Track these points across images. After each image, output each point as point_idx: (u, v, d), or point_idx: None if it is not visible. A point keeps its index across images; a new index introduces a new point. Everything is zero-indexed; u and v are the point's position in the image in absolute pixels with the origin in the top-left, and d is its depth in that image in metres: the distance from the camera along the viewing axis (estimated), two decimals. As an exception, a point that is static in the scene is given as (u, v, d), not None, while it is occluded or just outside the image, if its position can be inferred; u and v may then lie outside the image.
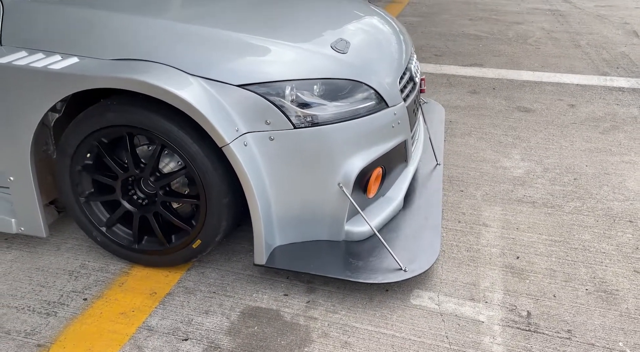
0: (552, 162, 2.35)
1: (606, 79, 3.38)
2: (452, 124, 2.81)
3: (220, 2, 1.77)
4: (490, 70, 3.63)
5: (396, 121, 1.73)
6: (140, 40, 1.46)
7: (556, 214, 1.95)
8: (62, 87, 1.39)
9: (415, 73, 2.03)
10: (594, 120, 2.78)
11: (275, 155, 1.49)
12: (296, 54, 1.55)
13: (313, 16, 1.86)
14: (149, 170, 1.52)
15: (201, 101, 1.39)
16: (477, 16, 5.20)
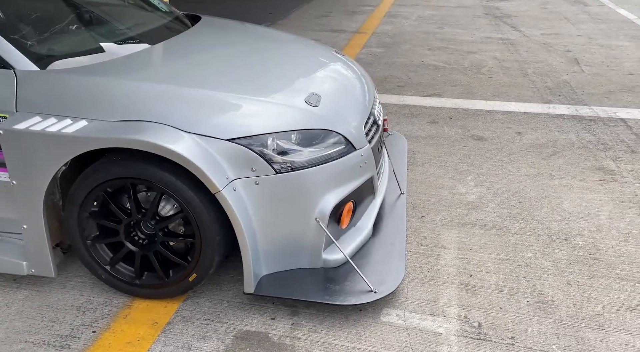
0: (501, 187, 2.67)
1: (549, 106, 3.79)
2: (414, 153, 3.12)
3: (206, 67, 2.01)
4: (448, 100, 3.99)
5: (363, 161, 2.00)
6: (140, 103, 1.69)
7: (504, 235, 2.26)
8: (73, 148, 1.60)
9: (378, 116, 2.32)
10: (538, 146, 3.14)
11: (261, 197, 1.73)
12: (276, 110, 1.81)
13: (287, 72, 2.13)
14: (149, 215, 1.74)
15: (195, 154, 1.63)
16: (436, 46, 5.61)
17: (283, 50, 2.44)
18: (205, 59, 2.08)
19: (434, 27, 6.54)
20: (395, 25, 6.65)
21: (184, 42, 2.25)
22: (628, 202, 2.51)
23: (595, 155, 2.99)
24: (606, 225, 2.31)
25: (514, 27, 6.42)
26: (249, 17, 7.23)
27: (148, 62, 1.97)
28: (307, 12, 7.54)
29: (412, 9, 7.78)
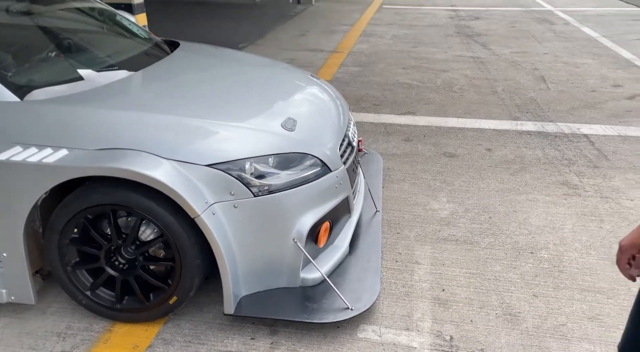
0: (471, 203, 2.79)
1: (517, 123, 3.96)
2: (390, 171, 3.22)
3: (185, 93, 2.08)
4: (422, 118, 4.13)
5: (338, 182, 2.08)
6: (119, 131, 1.74)
7: (474, 250, 2.36)
8: (54, 177, 1.64)
9: (353, 138, 2.41)
10: (506, 162, 3.28)
11: (239, 220, 1.79)
12: (253, 135, 1.88)
13: (265, 97, 2.21)
14: (130, 240, 1.77)
15: (174, 180, 1.68)
16: (410, 65, 5.80)
17: (260, 75, 2.52)
18: (184, 86, 2.15)
19: (408, 46, 6.75)
20: (371, 44, 6.84)
21: (163, 69, 2.31)
22: (590, 215, 2.65)
23: (560, 171, 3.14)
24: (569, 238, 2.44)
25: (484, 46, 6.67)
26: (227, 37, 7.33)
27: (127, 90, 2.02)
28: (284, 32, 7.68)
29: (387, 28, 8.00)
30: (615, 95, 4.58)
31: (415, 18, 8.86)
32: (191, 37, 7.41)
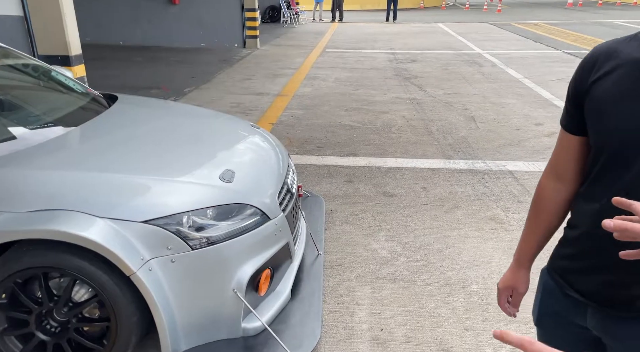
0: (409, 241, 2.94)
1: (450, 162, 4.23)
2: (332, 212, 3.34)
3: (122, 149, 2.11)
4: (363, 159, 4.32)
5: (278, 229, 2.15)
6: (52, 192, 1.74)
7: (411, 287, 2.48)
8: (-19, 240, 1.61)
9: (292, 185, 2.51)
10: (440, 200, 3.49)
11: (177, 275, 1.81)
12: (191, 189, 1.93)
13: (203, 150, 2.28)
14: (62, 302, 1.74)
15: (107, 239, 1.69)
16: (352, 107, 6.07)
17: (200, 127, 2.59)
18: (122, 141, 2.18)
19: (350, 88, 7.08)
20: (314, 87, 7.11)
21: (100, 124, 2.34)
22: (514, 248, 2.86)
23: (488, 206, 3.38)
24: (497, 271, 2.62)
25: (420, 87, 7.11)
26: (172, 82, 7.37)
27: (62, 148, 2.03)
28: (230, 76, 7.84)
29: (330, 71, 8.36)
30: (536, 133, 5.01)
31: (357, 61, 9.33)
32: (136, 83, 7.40)
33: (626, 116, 0.89)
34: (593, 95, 0.95)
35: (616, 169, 0.92)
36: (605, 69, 0.94)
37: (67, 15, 3.87)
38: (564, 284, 1.07)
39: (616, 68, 0.92)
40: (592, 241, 0.99)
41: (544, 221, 1.14)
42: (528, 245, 1.17)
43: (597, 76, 0.95)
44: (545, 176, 1.13)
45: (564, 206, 1.11)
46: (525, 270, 1.19)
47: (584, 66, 0.99)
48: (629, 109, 0.89)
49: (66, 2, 3.86)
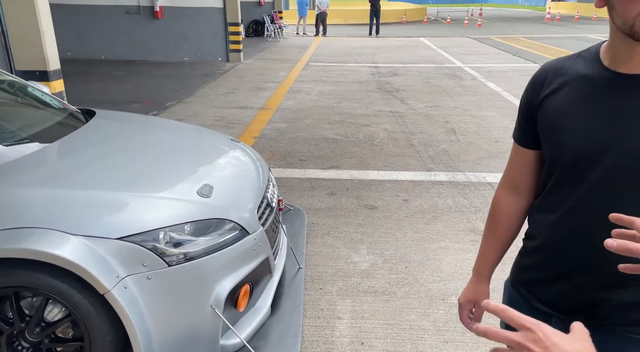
0: (390, 254, 2.95)
1: (431, 174, 4.28)
2: (314, 225, 3.34)
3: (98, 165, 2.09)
4: (345, 172, 4.35)
5: (257, 244, 2.14)
6: (25, 210, 1.72)
7: (391, 300, 2.48)
8: (-50, 260, 1.57)
9: (272, 199, 2.51)
10: (421, 212, 3.52)
11: (153, 292, 1.79)
12: (168, 204, 1.92)
13: (181, 165, 2.27)
14: (34, 322, 1.71)
15: (81, 257, 1.66)
16: (335, 120, 6.12)
17: (179, 142, 2.59)
18: (98, 157, 2.16)
19: (333, 101, 7.13)
20: (297, 101, 7.15)
21: (77, 140, 2.32)
22: (494, 259, 2.89)
23: (468, 218, 3.42)
24: (476, 282, 2.64)
25: (402, 100, 7.21)
26: (155, 96, 7.35)
27: (37, 165, 2.01)
28: (213, 90, 7.84)
29: (313, 84, 8.43)
30: (515, 145, 5.11)
31: (340, 75, 9.42)
32: (117, 97, 7.35)
33: (577, 131, 0.93)
34: (544, 111, 0.99)
35: (570, 182, 0.95)
36: (554, 85, 0.98)
37: (46, 32, 3.85)
38: (527, 295, 1.09)
39: (564, 85, 0.96)
40: (550, 251, 1.01)
41: (500, 233, 1.16)
42: (486, 258, 1.20)
43: (547, 92, 0.99)
44: (501, 189, 1.16)
45: (520, 218, 1.14)
46: (485, 283, 1.21)
47: (534, 83, 1.03)
48: (579, 124, 0.93)
49: (44, 17, 3.84)
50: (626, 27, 0.83)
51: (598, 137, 0.90)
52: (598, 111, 0.91)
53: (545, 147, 1.01)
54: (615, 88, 0.90)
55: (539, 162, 1.07)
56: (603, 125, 0.90)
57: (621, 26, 0.84)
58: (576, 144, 0.93)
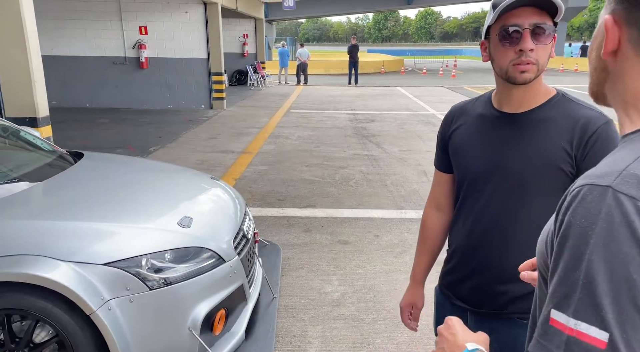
0: (360, 284, 3.13)
1: (401, 212, 4.53)
2: (289, 260, 3.51)
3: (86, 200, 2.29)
4: (321, 210, 4.57)
5: (232, 271, 2.32)
6: (18, 239, 1.89)
7: (360, 326, 2.65)
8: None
9: (248, 231, 2.70)
10: (391, 246, 3.74)
11: (135, 314, 1.94)
12: (149, 234, 2.11)
13: (164, 200, 2.47)
14: (23, 344, 1.83)
15: (70, 280, 1.83)
16: (313, 163, 6.40)
17: (162, 180, 2.80)
18: (86, 193, 2.36)
19: (312, 145, 7.46)
20: (277, 145, 7.46)
21: (65, 179, 2.51)
22: (457, 287, 3.10)
23: (434, 250, 3.64)
24: (439, 308, 2.83)
25: (377, 145, 7.58)
26: (139, 142, 7.58)
27: (27, 200, 2.19)
28: (196, 136, 8.13)
29: (293, 130, 8.79)
30: (481, 184, 5.43)
31: (319, 121, 9.84)
32: (100, 143, 7.56)
33: (474, 158, 1.20)
34: (453, 142, 1.26)
35: (473, 197, 1.21)
36: (459, 122, 1.26)
37: (37, 82, 4.11)
38: (449, 295, 1.31)
39: (466, 122, 1.24)
40: (461, 255, 1.25)
41: (429, 244, 1.40)
42: (419, 266, 1.43)
43: (454, 128, 1.26)
44: (427, 208, 1.41)
45: (444, 231, 1.38)
46: (420, 287, 1.43)
47: (445, 121, 1.31)
48: (476, 152, 1.20)
49: (36, 69, 4.11)
50: (502, 73, 1.12)
51: (488, 162, 1.17)
52: (489, 142, 1.18)
53: (455, 170, 1.28)
54: (500, 124, 1.17)
55: (454, 183, 1.33)
56: (492, 153, 1.17)
57: (499, 72, 1.13)
58: (474, 167, 1.20)
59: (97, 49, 10.83)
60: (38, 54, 4.15)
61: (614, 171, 0.55)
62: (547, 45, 1.07)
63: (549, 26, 1.05)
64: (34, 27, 4.08)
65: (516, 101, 1.15)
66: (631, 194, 0.53)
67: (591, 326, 0.51)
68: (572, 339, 0.52)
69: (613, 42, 0.61)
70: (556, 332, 0.54)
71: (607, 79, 0.65)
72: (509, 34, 1.06)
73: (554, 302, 0.55)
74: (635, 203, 0.52)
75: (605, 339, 0.50)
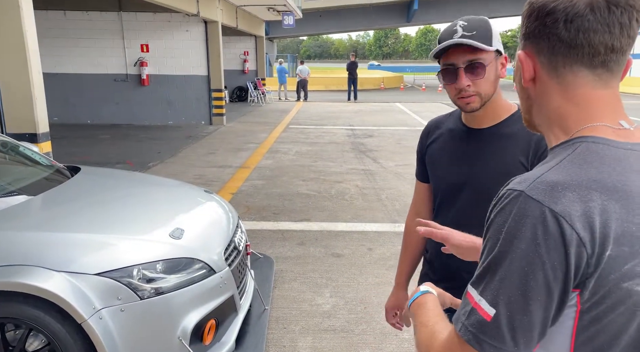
0: (351, 296, 3.16)
1: (395, 225, 4.58)
2: (282, 272, 3.55)
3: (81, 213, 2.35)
4: (315, 224, 4.62)
5: (223, 282, 2.37)
6: (13, 249, 1.95)
7: (349, 337, 2.68)
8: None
9: (239, 243, 2.75)
10: (383, 259, 3.78)
11: (126, 323, 1.99)
12: (141, 245, 2.17)
13: (157, 212, 2.54)
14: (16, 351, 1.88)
15: (62, 289, 1.88)
16: (309, 177, 6.48)
17: (156, 194, 2.87)
18: (80, 206, 2.42)
19: (309, 160, 7.54)
20: (275, 160, 7.54)
21: (62, 192, 2.58)
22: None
23: (426, 263, 3.68)
24: (428, 319, 2.86)
25: (374, 160, 7.66)
26: (138, 157, 7.67)
27: (24, 213, 2.26)
28: (194, 151, 8.23)
29: (291, 145, 8.89)
30: (475, 198, 5.49)
31: (317, 136, 9.95)
32: (100, 159, 7.66)
33: (447, 169, 1.28)
34: (429, 155, 1.34)
35: (447, 205, 1.28)
36: (434, 136, 1.33)
37: (38, 98, 4.22)
38: None
39: (440, 135, 1.32)
40: (436, 259, 1.31)
41: (410, 250, 1.46)
42: (402, 271, 1.48)
43: (430, 141, 1.34)
44: (409, 216, 1.48)
45: (423, 238, 1.44)
46: (404, 291, 1.49)
47: (422, 134, 1.39)
48: (447, 165, 1.28)
49: (37, 86, 4.22)
50: (454, 103, 1.21)
51: (458, 175, 1.25)
52: (459, 154, 1.26)
53: (431, 180, 1.35)
54: (467, 139, 1.26)
55: (432, 192, 1.40)
56: (462, 164, 1.25)
57: (452, 101, 1.22)
58: (447, 178, 1.28)
59: (99, 66, 11.02)
60: (39, 71, 4.27)
61: (530, 178, 0.64)
62: (485, 77, 1.16)
63: (485, 58, 1.15)
64: (36, 45, 4.20)
65: (478, 118, 1.23)
66: (538, 198, 0.61)
67: (487, 303, 0.63)
68: (473, 310, 0.64)
69: (529, 72, 0.72)
70: (467, 303, 0.66)
71: (532, 106, 0.74)
72: (448, 72, 1.16)
73: (472, 281, 0.67)
74: (540, 207, 0.60)
75: (492, 314, 0.62)
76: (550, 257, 0.60)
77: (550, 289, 0.60)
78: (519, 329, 0.61)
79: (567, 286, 0.61)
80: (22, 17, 3.99)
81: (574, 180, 0.62)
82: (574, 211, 0.60)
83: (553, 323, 0.63)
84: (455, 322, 0.67)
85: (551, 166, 0.65)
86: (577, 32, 0.65)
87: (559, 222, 0.59)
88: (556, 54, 0.68)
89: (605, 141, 0.66)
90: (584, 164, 0.63)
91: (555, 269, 0.60)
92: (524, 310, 0.61)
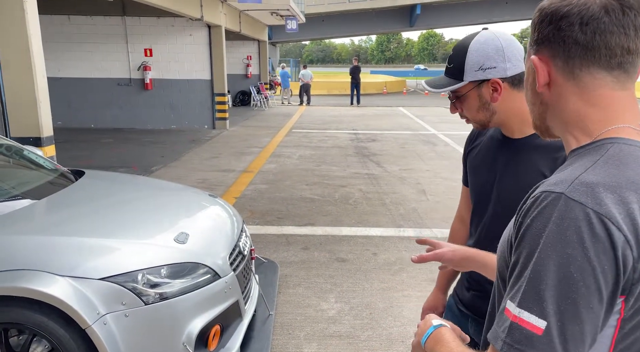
0: (356, 302, 3.13)
1: (400, 230, 4.55)
2: (287, 277, 3.52)
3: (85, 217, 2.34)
4: (320, 228, 4.59)
5: (228, 287, 2.34)
6: (17, 254, 1.93)
7: (355, 343, 2.65)
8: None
9: (244, 248, 2.73)
10: (388, 264, 3.75)
11: (130, 328, 1.96)
12: (146, 249, 2.15)
13: (162, 217, 2.52)
14: (19, 357, 1.86)
15: (66, 294, 1.86)
16: (313, 181, 6.45)
17: (161, 198, 2.85)
18: (85, 210, 2.41)
19: (312, 164, 7.52)
20: (279, 164, 7.53)
21: (66, 196, 2.57)
22: (453, 304, 3.10)
23: (431, 269, 3.65)
24: (434, 325, 2.83)
25: (377, 164, 7.63)
26: (142, 161, 7.67)
27: (28, 217, 2.25)
28: (198, 155, 8.22)
29: (295, 149, 8.87)
30: (480, 203, 5.45)
31: (321, 140, 9.93)
32: (104, 163, 7.66)
33: (481, 177, 1.27)
34: (469, 160, 1.35)
35: (480, 212, 1.28)
36: (476, 142, 1.34)
37: (42, 102, 4.22)
38: (457, 300, 1.36)
39: (480, 143, 1.32)
40: None
41: None
42: (445, 274, 1.47)
43: (471, 147, 1.35)
44: (454, 220, 1.50)
45: (466, 242, 1.42)
46: (443, 294, 1.49)
47: (467, 139, 1.41)
48: (482, 171, 1.28)
49: (42, 90, 4.22)
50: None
51: (491, 181, 1.24)
52: (493, 162, 1.26)
53: (469, 186, 1.34)
54: (502, 147, 1.25)
55: None
56: (494, 172, 1.25)
57: None
58: (480, 187, 1.28)
59: (103, 70, 11.05)
60: (43, 76, 4.27)
61: (568, 180, 0.61)
62: (467, 107, 1.20)
63: (461, 90, 1.19)
64: (40, 49, 4.20)
65: (510, 128, 1.22)
66: (581, 200, 0.58)
67: (532, 315, 0.58)
68: (515, 324, 0.60)
69: (544, 76, 0.71)
70: (505, 319, 0.61)
71: (547, 111, 0.73)
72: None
73: (509, 295, 0.62)
74: (583, 209, 0.58)
75: (543, 326, 0.57)
76: (600, 261, 0.57)
77: (602, 295, 0.57)
78: (571, 340, 0.57)
79: (616, 292, 0.58)
80: (27, 22, 4.00)
81: (613, 181, 0.60)
82: (618, 212, 0.58)
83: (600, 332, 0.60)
84: (494, 341, 0.63)
85: (587, 167, 0.63)
86: (594, 34, 0.65)
87: (605, 224, 0.57)
88: (573, 56, 0.67)
89: (636, 143, 0.64)
90: (620, 165, 0.62)
91: (606, 274, 0.57)
92: (576, 319, 0.57)
